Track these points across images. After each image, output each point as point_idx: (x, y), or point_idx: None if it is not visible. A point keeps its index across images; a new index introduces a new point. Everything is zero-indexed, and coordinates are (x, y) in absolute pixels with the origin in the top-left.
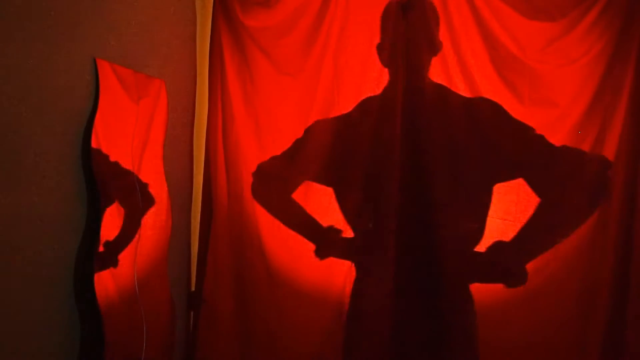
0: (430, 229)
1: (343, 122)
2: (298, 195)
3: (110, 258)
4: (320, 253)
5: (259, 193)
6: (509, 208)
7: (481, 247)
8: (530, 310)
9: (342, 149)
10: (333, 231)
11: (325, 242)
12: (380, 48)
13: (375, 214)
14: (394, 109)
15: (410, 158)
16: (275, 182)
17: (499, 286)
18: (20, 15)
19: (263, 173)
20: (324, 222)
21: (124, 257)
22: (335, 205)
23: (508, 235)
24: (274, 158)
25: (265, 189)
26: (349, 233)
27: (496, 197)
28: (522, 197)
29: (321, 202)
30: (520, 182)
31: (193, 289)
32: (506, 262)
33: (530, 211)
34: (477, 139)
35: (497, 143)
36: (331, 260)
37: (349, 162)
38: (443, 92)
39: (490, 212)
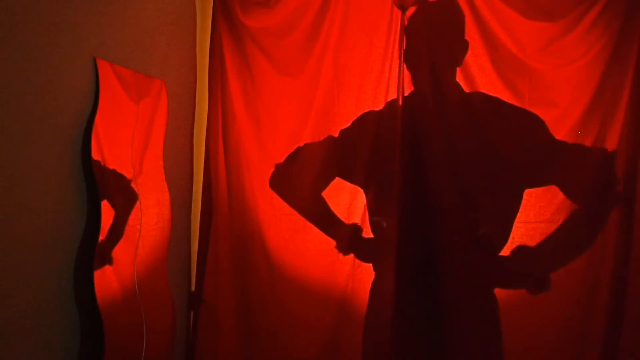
0: (442, 231)
1: (345, 133)
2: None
3: (110, 258)
4: (344, 250)
5: (278, 184)
6: None
7: (505, 252)
8: (530, 311)
9: (344, 151)
10: (355, 229)
11: (348, 239)
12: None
13: (384, 214)
14: (395, 112)
15: (412, 161)
16: (298, 177)
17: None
18: (20, 15)
19: (285, 168)
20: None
21: (124, 256)
22: (350, 204)
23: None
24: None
25: (287, 181)
26: (368, 233)
27: None
28: (523, 197)
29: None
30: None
31: (193, 289)
32: (530, 268)
33: (530, 212)
34: (479, 140)
35: (503, 145)
36: (334, 258)
37: (352, 162)
38: (443, 93)
39: None
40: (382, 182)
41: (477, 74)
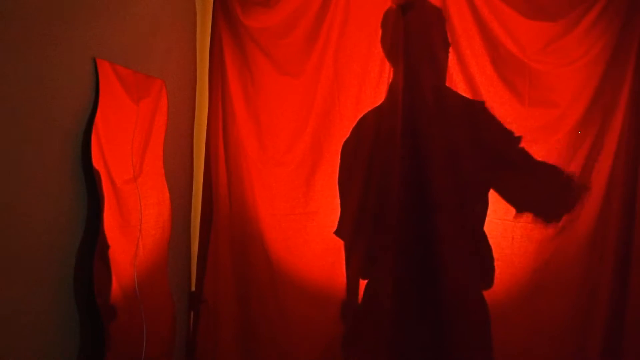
0: (432, 230)
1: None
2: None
3: (110, 258)
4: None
5: None
6: (509, 208)
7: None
8: (529, 311)
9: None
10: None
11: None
12: (384, 50)
13: (378, 213)
14: (395, 111)
15: (412, 160)
16: None
17: (499, 288)
18: (20, 15)
19: None
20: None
21: (124, 257)
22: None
23: (507, 236)
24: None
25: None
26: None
27: (496, 197)
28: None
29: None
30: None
31: (193, 289)
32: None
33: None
34: (477, 142)
35: (492, 147)
36: (334, 259)
37: (351, 162)
38: (443, 94)
39: (489, 213)
40: (384, 176)
41: (477, 74)
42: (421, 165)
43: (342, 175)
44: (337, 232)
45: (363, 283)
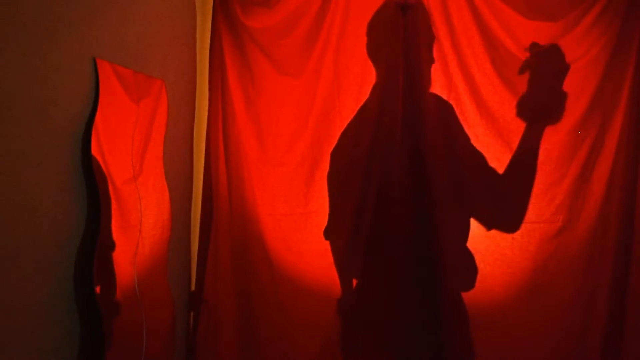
0: (431, 230)
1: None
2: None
3: (110, 258)
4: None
5: None
6: None
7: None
8: (529, 311)
9: (343, 150)
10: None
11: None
12: (375, 48)
13: (377, 212)
14: (395, 113)
15: (411, 161)
16: None
17: (499, 288)
18: (20, 15)
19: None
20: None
21: (124, 256)
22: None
23: (506, 236)
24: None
25: None
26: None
27: None
28: None
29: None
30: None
31: (193, 289)
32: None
33: (531, 212)
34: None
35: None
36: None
37: (350, 161)
38: (441, 97)
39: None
40: (384, 176)
41: (477, 74)
42: (420, 165)
43: (338, 176)
44: (326, 233)
45: (362, 283)
